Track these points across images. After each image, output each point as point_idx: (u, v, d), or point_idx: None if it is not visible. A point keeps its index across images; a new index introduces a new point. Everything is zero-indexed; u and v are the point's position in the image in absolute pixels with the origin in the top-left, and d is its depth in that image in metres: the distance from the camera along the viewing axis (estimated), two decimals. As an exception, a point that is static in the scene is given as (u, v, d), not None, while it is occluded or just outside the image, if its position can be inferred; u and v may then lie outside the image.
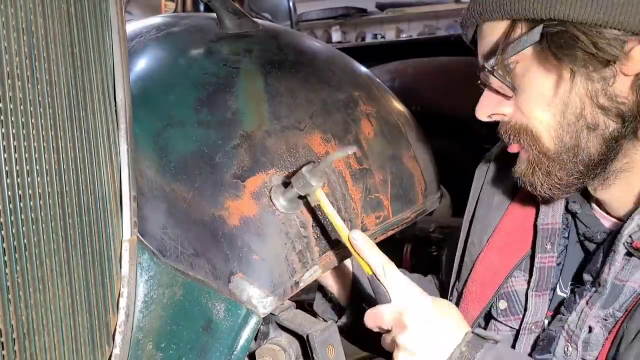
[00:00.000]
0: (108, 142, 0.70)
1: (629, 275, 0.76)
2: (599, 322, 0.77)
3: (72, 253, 0.62)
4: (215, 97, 0.83)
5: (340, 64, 1.02)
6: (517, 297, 0.90)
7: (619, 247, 0.76)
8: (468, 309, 0.94)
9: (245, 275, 0.73)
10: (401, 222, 0.93)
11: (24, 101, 0.54)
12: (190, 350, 0.72)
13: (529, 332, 0.87)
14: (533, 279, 0.87)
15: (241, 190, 0.77)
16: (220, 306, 0.73)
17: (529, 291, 0.88)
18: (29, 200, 0.55)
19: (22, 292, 0.55)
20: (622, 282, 0.76)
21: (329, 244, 0.82)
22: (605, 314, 0.77)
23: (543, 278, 0.87)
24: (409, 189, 0.96)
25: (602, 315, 0.77)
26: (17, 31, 0.53)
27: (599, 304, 0.77)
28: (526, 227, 0.92)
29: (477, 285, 0.94)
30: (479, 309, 0.92)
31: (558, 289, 0.88)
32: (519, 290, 0.90)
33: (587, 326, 0.77)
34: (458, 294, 0.98)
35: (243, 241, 0.75)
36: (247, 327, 0.72)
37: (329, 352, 0.78)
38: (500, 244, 0.93)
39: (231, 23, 0.96)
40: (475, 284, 0.94)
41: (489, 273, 0.92)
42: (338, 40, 5.16)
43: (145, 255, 0.74)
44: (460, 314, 0.76)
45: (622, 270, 0.76)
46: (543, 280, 0.87)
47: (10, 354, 0.53)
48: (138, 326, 0.72)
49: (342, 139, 0.88)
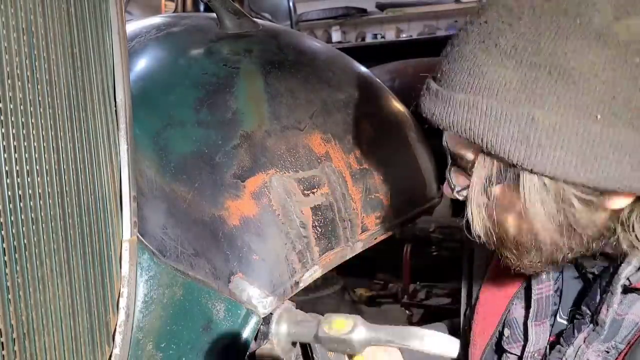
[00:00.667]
0: (108, 142, 0.70)
1: (627, 309, 0.74)
2: (599, 356, 0.76)
3: (72, 253, 0.62)
4: (215, 97, 0.83)
5: (340, 64, 1.02)
6: (516, 324, 0.89)
7: (616, 289, 0.73)
8: (476, 341, 0.93)
9: (245, 275, 0.73)
10: (401, 222, 0.93)
11: (24, 101, 0.54)
12: (190, 350, 0.72)
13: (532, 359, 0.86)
14: (532, 309, 0.85)
15: (241, 190, 0.77)
16: (220, 306, 0.73)
17: (528, 321, 0.86)
18: (29, 200, 0.55)
19: (22, 292, 0.55)
20: (621, 316, 0.74)
21: (329, 244, 0.82)
22: (607, 347, 0.75)
23: (542, 308, 0.85)
24: (409, 189, 0.96)
25: (604, 349, 0.75)
26: (17, 31, 0.53)
27: (597, 343, 0.75)
28: None
29: (482, 315, 0.92)
30: (485, 340, 0.91)
31: (558, 317, 0.87)
32: (517, 317, 0.89)
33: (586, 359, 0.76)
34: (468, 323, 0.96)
35: (243, 241, 0.75)
36: (247, 327, 0.72)
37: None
38: (496, 274, 0.92)
39: (231, 23, 0.96)
40: (480, 315, 0.92)
41: (490, 305, 0.91)
42: (338, 40, 5.15)
43: (145, 255, 0.74)
44: None
45: (620, 305, 0.74)
46: (542, 310, 0.85)
47: (10, 354, 0.53)
48: (138, 326, 0.72)
49: (342, 139, 0.88)
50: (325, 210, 0.82)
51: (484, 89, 0.62)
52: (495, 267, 0.93)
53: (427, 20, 5.20)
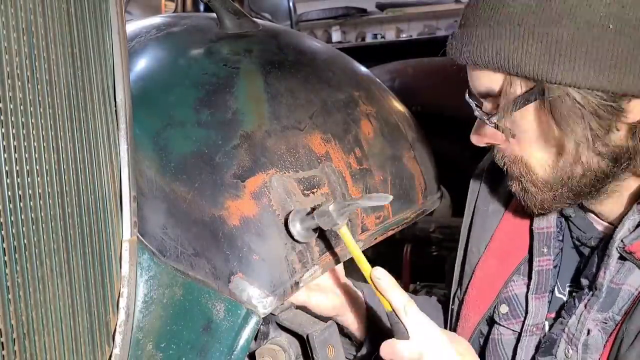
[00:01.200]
0: (108, 142, 0.70)
1: (624, 279, 0.77)
2: (597, 326, 0.79)
3: (72, 253, 0.62)
4: (215, 97, 0.83)
5: (340, 64, 1.02)
6: (517, 300, 0.92)
7: (612, 251, 0.78)
8: (469, 315, 0.96)
9: (245, 275, 0.73)
10: (401, 222, 0.93)
11: (24, 101, 0.54)
12: (190, 350, 0.72)
13: (530, 334, 0.88)
14: (532, 282, 0.89)
15: (241, 190, 0.77)
16: (220, 306, 0.73)
17: (528, 294, 0.90)
18: (29, 200, 0.55)
19: (22, 292, 0.55)
20: (618, 286, 0.78)
21: (329, 244, 0.82)
22: (604, 318, 0.79)
23: (542, 281, 0.89)
24: (409, 189, 0.96)
25: (602, 319, 0.79)
26: (17, 31, 0.53)
27: (597, 307, 0.78)
28: (522, 233, 0.93)
29: (477, 291, 0.95)
30: (480, 315, 0.94)
31: (556, 291, 0.90)
32: (519, 294, 0.92)
33: (587, 329, 0.79)
34: (459, 302, 0.99)
35: (243, 241, 0.75)
36: (247, 327, 0.72)
37: (329, 352, 0.78)
38: (498, 251, 0.95)
39: (231, 23, 0.96)
40: (475, 291, 0.96)
41: (489, 279, 0.94)
42: (338, 40, 5.16)
43: (145, 255, 0.74)
44: (476, 354, 0.78)
45: (617, 274, 0.78)
46: (542, 282, 0.89)
47: (10, 354, 0.53)
48: (138, 326, 0.72)
49: (342, 139, 0.88)
50: (325, 210, 0.82)
51: (506, 18, 0.71)
52: (496, 241, 0.96)
53: (427, 20, 5.20)
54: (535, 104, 0.73)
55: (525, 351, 0.88)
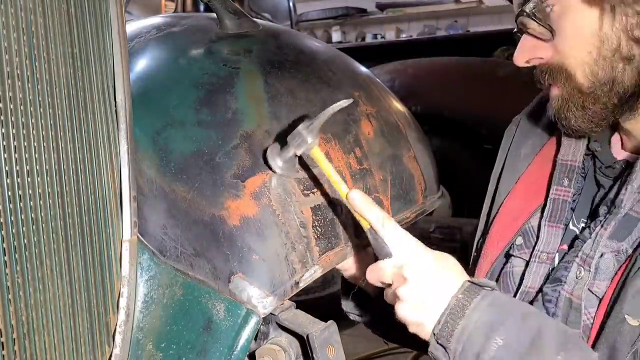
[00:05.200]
0: (108, 142, 0.70)
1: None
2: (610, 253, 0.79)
3: (72, 253, 0.62)
4: (215, 97, 0.83)
5: (340, 64, 1.02)
6: (532, 231, 0.92)
7: (636, 167, 0.79)
8: (487, 252, 0.96)
9: (245, 275, 0.73)
10: (401, 222, 0.93)
11: (24, 101, 0.54)
12: (190, 350, 0.72)
13: (539, 261, 0.88)
14: (547, 208, 0.90)
15: (241, 190, 0.77)
16: (220, 306, 0.73)
17: (542, 221, 0.90)
18: (29, 200, 0.55)
19: (22, 292, 0.55)
20: (637, 214, 0.78)
21: (329, 244, 0.81)
22: (618, 248, 0.78)
23: (557, 209, 0.89)
24: (409, 189, 0.96)
25: (616, 248, 0.78)
26: (17, 31, 0.53)
27: (614, 223, 0.79)
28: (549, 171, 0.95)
29: (498, 228, 0.96)
30: (500, 249, 0.94)
31: (571, 224, 0.90)
32: (534, 225, 0.92)
33: (600, 252, 0.79)
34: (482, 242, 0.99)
35: (243, 241, 0.75)
36: (247, 327, 0.72)
37: (329, 352, 0.78)
38: (524, 190, 0.96)
39: (231, 23, 0.96)
40: (497, 227, 0.96)
41: (512, 215, 0.95)
42: (338, 40, 5.16)
43: (145, 255, 0.74)
44: (460, 266, 0.77)
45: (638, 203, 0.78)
46: (557, 211, 0.89)
47: (10, 354, 0.53)
48: (138, 326, 0.72)
49: (342, 139, 0.88)
50: (325, 210, 0.82)
51: None
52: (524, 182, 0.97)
53: (427, 20, 5.21)
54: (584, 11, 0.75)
55: (532, 277, 0.87)
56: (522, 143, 1.02)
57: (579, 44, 0.79)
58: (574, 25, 0.79)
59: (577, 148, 0.92)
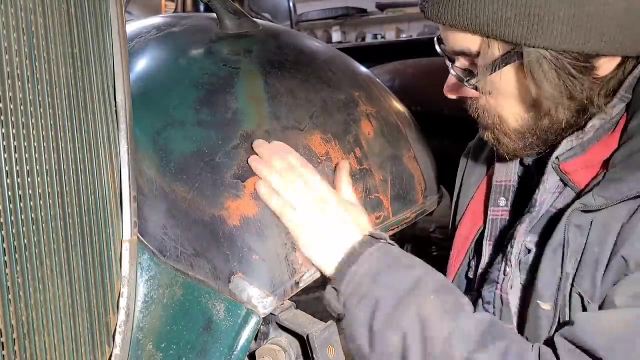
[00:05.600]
0: (108, 142, 0.70)
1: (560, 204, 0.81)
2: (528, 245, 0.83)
3: (72, 253, 0.62)
4: (215, 97, 0.83)
5: (340, 64, 1.02)
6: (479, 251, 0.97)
7: (548, 167, 0.82)
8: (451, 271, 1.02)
9: (245, 275, 0.73)
10: (401, 222, 0.93)
11: (24, 101, 0.54)
12: (190, 350, 0.72)
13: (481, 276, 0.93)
14: (487, 229, 0.95)
15: (241, 190, 0.77)
16: (220, 306, 0.73)
17: (483, 240, 0.95)
18: (29, 200, 0.55)
19: (22, 292, 0.55)
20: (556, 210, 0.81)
21: (329, 244, 0.81)
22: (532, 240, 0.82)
23: (495, 228, 0.94)
24: (409, 189, 0.96)
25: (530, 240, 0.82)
26: (17, 31, 0.53)
27: (528, 220, 0.83)
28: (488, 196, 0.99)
29: (454, 252, 1.02)
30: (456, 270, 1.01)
31: None
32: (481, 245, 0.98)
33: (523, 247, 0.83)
34: None
35: (243, 241, 0.75)
36: (247, 327, 0.72)
37: (329, 352, 0.78)
38: (470, 216, 1.02)
39: (231, 23, 0.96)
40: (453, 252, 1.03)
41: (462, 240, 1.01)
42: (338, 40, 5.15)
43: (145, 255, 0.74)
44: (367, 218, 0.82)
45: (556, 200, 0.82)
46: (495, 230, 0.94)
47: (10, 354, 0.53)
48: (138, 326, 0.72)
49: (342, 139, 0.88)
50: (325, 210, 0.82)
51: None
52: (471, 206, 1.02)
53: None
54: (513, 65, 0.76)
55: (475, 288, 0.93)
56: (472, 170, 1.06)
57: (512, 102, 0.80)
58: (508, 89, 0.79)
59: (510, 168, 0.95)
